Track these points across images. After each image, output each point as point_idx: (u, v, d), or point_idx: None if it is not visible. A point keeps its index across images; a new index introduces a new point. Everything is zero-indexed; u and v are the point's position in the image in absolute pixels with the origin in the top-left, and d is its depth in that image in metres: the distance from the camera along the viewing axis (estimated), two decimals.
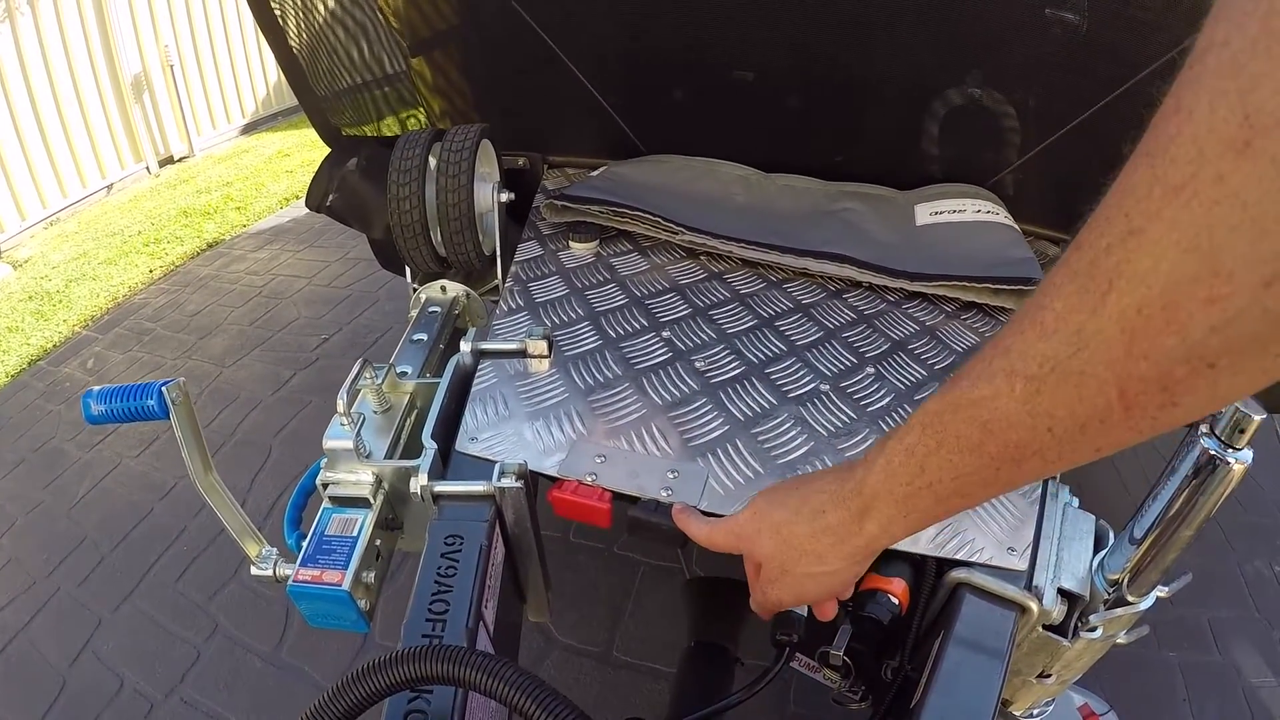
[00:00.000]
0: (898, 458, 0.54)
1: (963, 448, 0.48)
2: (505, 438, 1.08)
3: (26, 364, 3.41)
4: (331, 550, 0.95)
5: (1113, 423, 0.41)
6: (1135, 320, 0.37)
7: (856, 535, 0.61)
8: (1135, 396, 0.39)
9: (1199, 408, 0.39)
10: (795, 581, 0.68)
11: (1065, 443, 0.43)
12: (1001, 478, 0.48)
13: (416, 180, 1.53)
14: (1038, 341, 0.42)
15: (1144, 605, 0.89)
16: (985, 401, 0.46)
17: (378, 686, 0.62)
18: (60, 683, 1.98)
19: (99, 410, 0.97)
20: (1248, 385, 0.37)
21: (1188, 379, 0.37)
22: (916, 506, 0.54)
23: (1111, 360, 0.39)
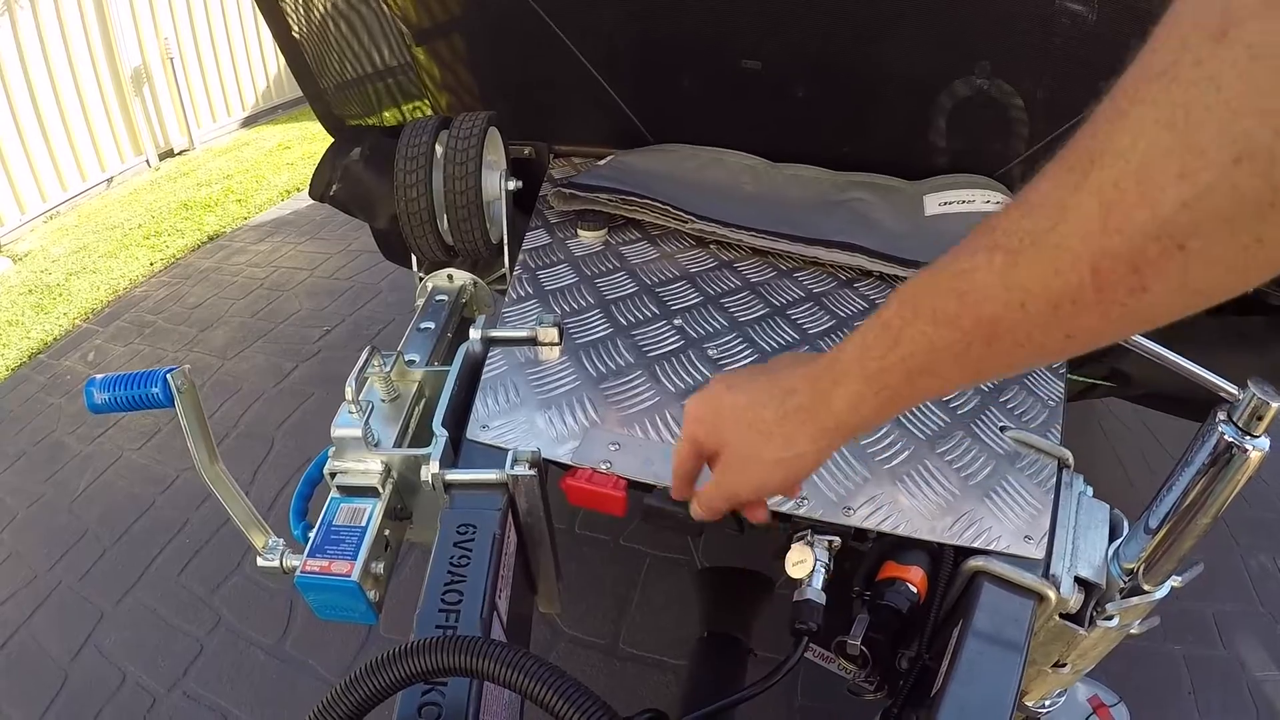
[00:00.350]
0: (872, 333, 0.54)
1: (938, 320, 0.48)
2: (517, 426, 1.07)
3: (27, 357, 3.40)
4: (340, 540, 0.93)
5: (1084, 304, 0.41)
6: (1111, 194, 0.38)
7: (825, 414, 0.60)
8: (1107, 274, 0.40)
9: (1169, 299, 0.40)
10: (759, 472, 0.66)
11: (1037, 322, 0.44)
12: (972, 355, 0.48)
13: (424, 168, 1.51)
14: (1021, 219, 0.43)
15: (1159, 594, 0.89)
16: (965, 274, 0.46)
17: (394, 678, 0.61)
18: (62, 677, 1.97)
19: (102, 399, 0.95)
20: (1220, 279, 0.38)
21: (1159, 259, 0.38)
22: (887, 383, 0.54)
23: (1087, 234, 0.39)
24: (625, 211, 1.57)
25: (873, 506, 0.96)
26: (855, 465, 1.02)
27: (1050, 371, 1.22)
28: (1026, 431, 1.08)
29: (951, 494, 0.98)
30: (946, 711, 0.75)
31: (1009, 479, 1.01)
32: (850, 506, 0.95)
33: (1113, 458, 2.53)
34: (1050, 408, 1.14)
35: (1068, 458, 1.04)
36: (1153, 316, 0.41)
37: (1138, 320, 0.42)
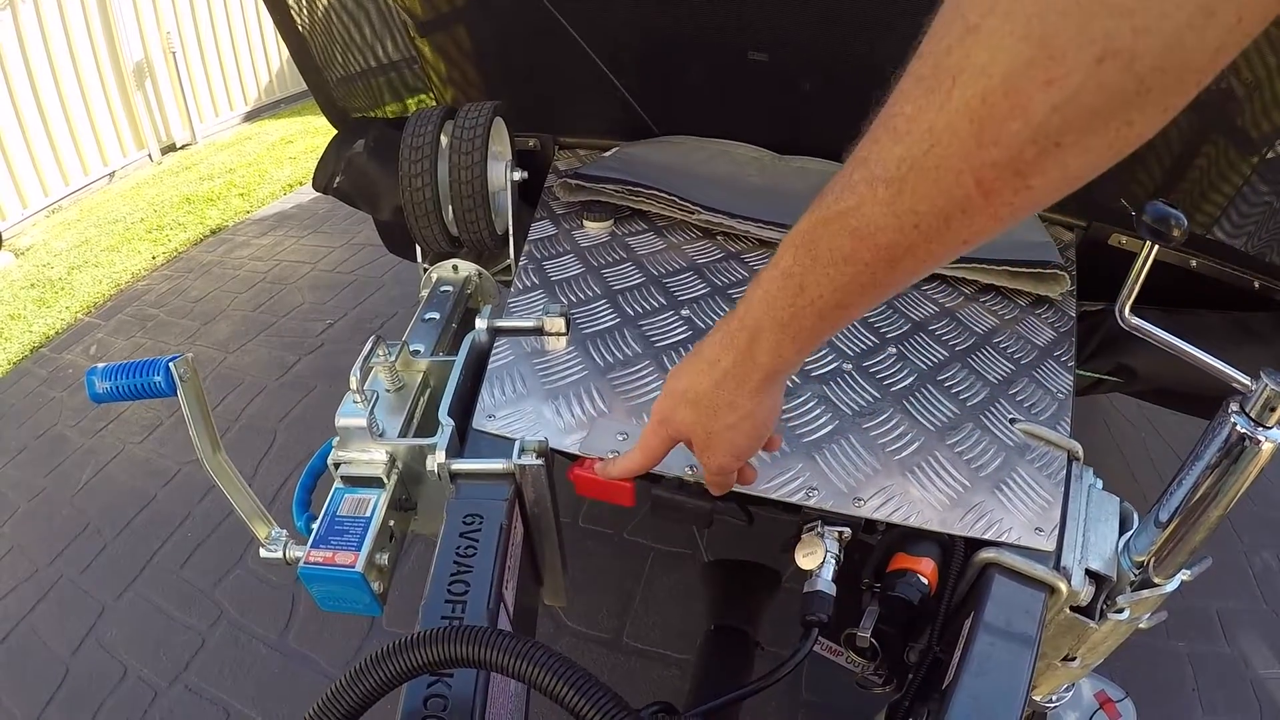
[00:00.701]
0: (775, 284, 0.56)
1: (837, 259, 0.50)
2: (524, 415, 1.06)
3: (29, 351, 3.39)
4: (344, 531, 0.93)
5: (974, 211, 0.43)
6: (980, 110, 0.39)
7: (752, 369, 0.62)
8: (991, 183, 0.41)
9: (1053, 188, 0.42)
10: (725, 439, 0.69)
11: (933, 238, 0.45)
12: (879, 281, 0.50)
13: (429, 158, 1.51)
14: (893, 146, 0.44)
15: (1170, 587, 0.88)
16: (852, 211, 0.48)
17: (401, 669, 0.60)
18: (63, 671, 1.96)
19: (104, 388, 0.95)
20: (1097, 160, 0.40)
21: (1038, 160, 0.39)
22: (802, 326, 0.56)
23: (964, 151, 0.41)
24: (631, 202, 1.56)
25: (883, 498, 0.95)
26: (865, 456, 1.01)
27: (1059, 364, 1.21)
28: (1036, 424, 1.07)
29: (962, 485, 0.97)
30: (959, 703, 0.74)
31: (1019, 471, 1.00)
32: (860, 498, 0.95)
33: (1117, 454, 2.52)
34: (1060, 400, 1.13)
35: (1077, 450, 1.03)
36: (1039, 204, 0.43)
37: (1026, 210, 0.43)
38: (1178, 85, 0.36)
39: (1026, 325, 1.31)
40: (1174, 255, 1.55)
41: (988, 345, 1.25)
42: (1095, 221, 1.61)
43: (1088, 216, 1.62)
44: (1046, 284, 1.36)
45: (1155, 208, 0.85)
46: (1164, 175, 1.53)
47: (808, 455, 1.00)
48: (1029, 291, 1.38)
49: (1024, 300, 1.38)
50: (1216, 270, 1.52)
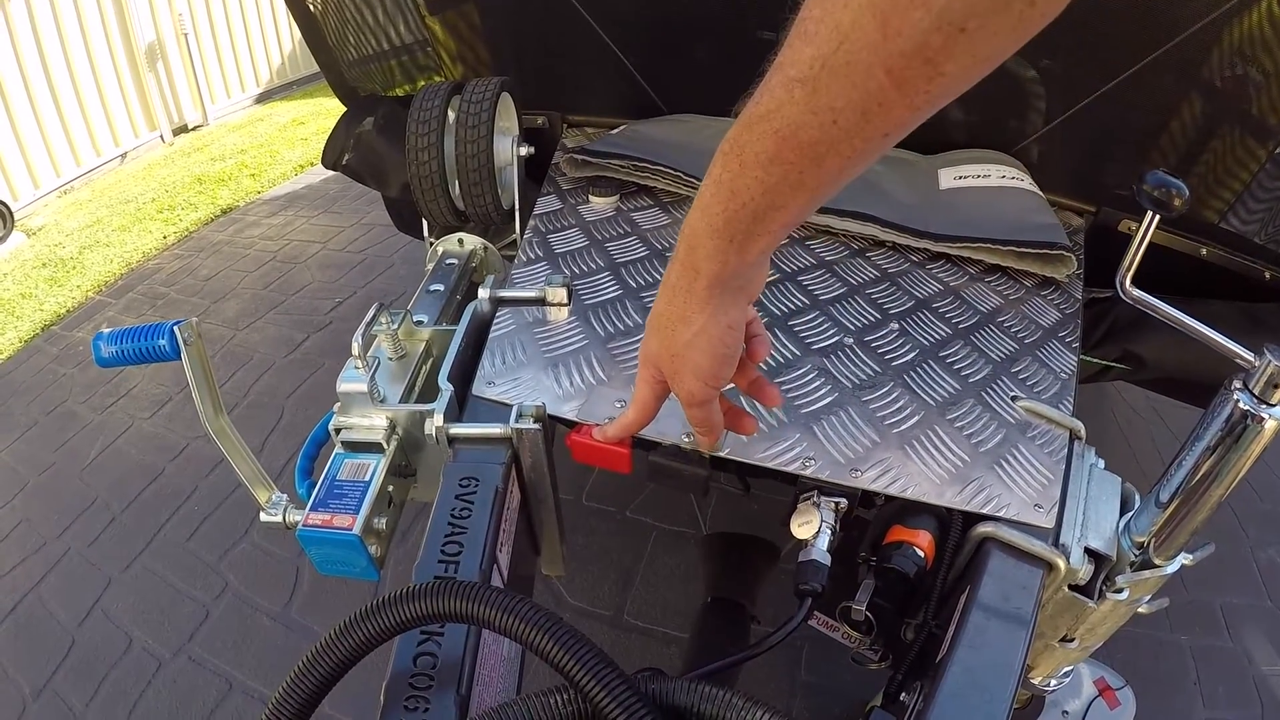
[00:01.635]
0: (708, 193, 0.56)
1: (763, 161, 0.51)
2: (523, 382, 1.06)
3: (40, 329, 3.42)
4: (343, 495, 0.93)
5: (890, 103, 0.44)
6: (883, 3, 0.40)
7: (697, 280, 0.62)
8: (902, 72, 0.42)
9: (965, 72, 0.42)
10: (686, 361, 0.68)
11: (854, 133, 0.46)
12: (807, 181, 0.50)
13: (435, 131, 1.50)
14: (804, 48, 0.45)
15: (1170, 569, 0.88)
16: (772, 114, 0.48)
17: (388, 623, 0.60)
18: (69, 641, 1.98)
19: (110, 352, 0.95)
20: (1006, 41, 0.41)
21: (945, 46, 0.40)
22: (738, 230, 0.56)
23: (871, 44, 0.41)
24: (637, 178, 1.56)
25: (880, 469, 0.95)
26: (864, 428, 1.01)
27: (1063, 345, 1.21)
28: (1039, 402, 1.06)
29: (961, 460, 0.97)
30: (952, 677, 0.74)
31: (1020, 448, 0.99)
32: (858, 469, 0.94)
33: (1124, 443, 2.51)
34: (1063, 380, 1.13)
35: (1079, 429, 1.02)
36: (955, 90, 0.44)
37: (943, 97, 0.44)
38: None
39: (1032, 306, 1.30)
40: (1184, 243, 1.54)
41: (991, 324, 1.24)
42: (1105, 207, 1.60)
43: (1097, 202, 1.61)
44: (1053, 265, 1.36)
45: (1156, 176, 0.84)
46: (1177, 162, 1.52)
47: (805, 426, 1.00)
48: (1035, 272, 1.37)
49: (1030, 281, 1.37)
50: (1227, 259, 1.51)
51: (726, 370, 0.70)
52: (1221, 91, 1.40)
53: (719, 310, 0.64)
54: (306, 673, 0.60)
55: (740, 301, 0.65)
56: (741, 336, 0.69)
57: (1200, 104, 1.44)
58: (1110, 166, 1.62)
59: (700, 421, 0.76)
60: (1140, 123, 1.51)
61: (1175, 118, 1.47)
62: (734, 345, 0.68)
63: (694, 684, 0.58)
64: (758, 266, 0.63)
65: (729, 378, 0.72)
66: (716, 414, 0.77)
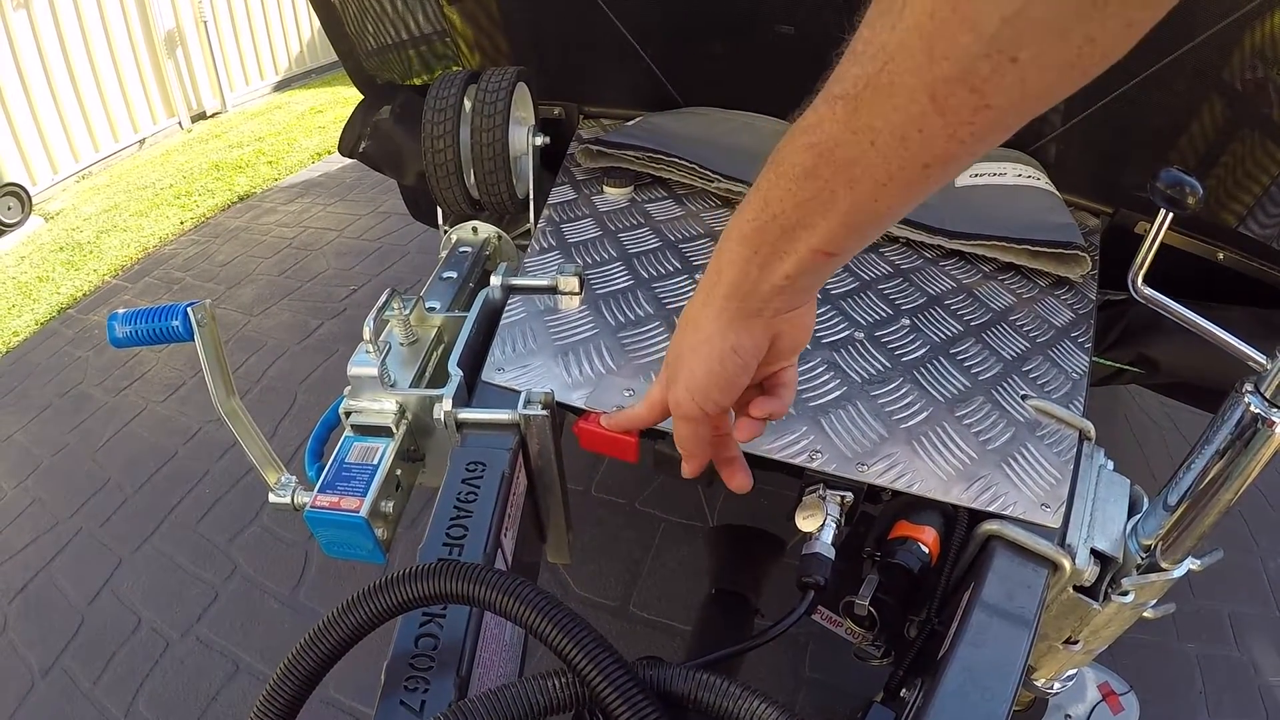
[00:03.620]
0: (747, 201, 0.55)
1: (798, 175, 0.49)
2: (532, 370, 1.06)
3: (56, 312, 3.44)
4: (351, 477, 0.93)
5: (931, 131, 0.42)
6: (929, 25, 0.38)
7: (716, 283, 0.60)
8: (946, 100, 0.40)
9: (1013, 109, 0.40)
10: (685, 364, 0.65)
11: (891, 157, 0.44)
12: (840, 202, 0.49)
13: (451, 120, 1.51)
14: (851, 67, 0.44)
15: (1177, 573, 0.87)
16: (812, 128, 0.47)
17: (387, 604, 0.61)
18: (79, 620, 2.00)
19: (124, 332, 0.96)
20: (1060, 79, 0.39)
21: (993, 76, 0.38)
22: (764, 241, 0.54)
23: (916, 67, 0.40)
24: (652, 169, 1.56)
25: (887, 464, 0.95)
26: (871, 423, 1.00)
27: (1076, 345, 1.20)
28: (1049, 401, 1.06)
29: (969, 457, 0.96)
30: (952, 675, 0.73)
31: (1028, 447, 0.99)
32: (864, 463, 0.94)
33: (1137, 449, 2.50)
34: (1074, 380, 1.12)
35: (1089, 430, 1.02)
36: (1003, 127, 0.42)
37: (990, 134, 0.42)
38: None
39: (1045, 305, 1.30)
40: (1201, 247, 1.53)
41: (1004, 322, 1.24)
42: (1122, 209, 1.59)
43: (1114, 203, 1.60)
44: (1067, 265, 1.35)
45: (1170, 174, 0.84)
46: (1195, 165, 1.51)
47: (813, 419, 1.00)
48: (1049, 272, 1.36)
49: (1044, 281, 1.37)
50: (1244, 264, 1.50)
51: (718, 394, 0.65)
52: (1241, 94, 1.39)
53: (729, 327, 0.61)
54: (308, 650, 0.60)
55: (754, 328, 0.61)
56: (747, 367, 0.63)
57: (1219, 106, 1.43)
58: (1128, 167, 1.61)
59: (682, 440, 0.71)
60: (1158, 124, 1.50)
61: (1194, 119, 1.46)
62: (734, 371, 0.63)
63: (691, 671, 0.58)
64: (783, 295, 0.58)
65: (721, 404, 0.66)
66: (701, 440, 0.70)
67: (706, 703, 0.57)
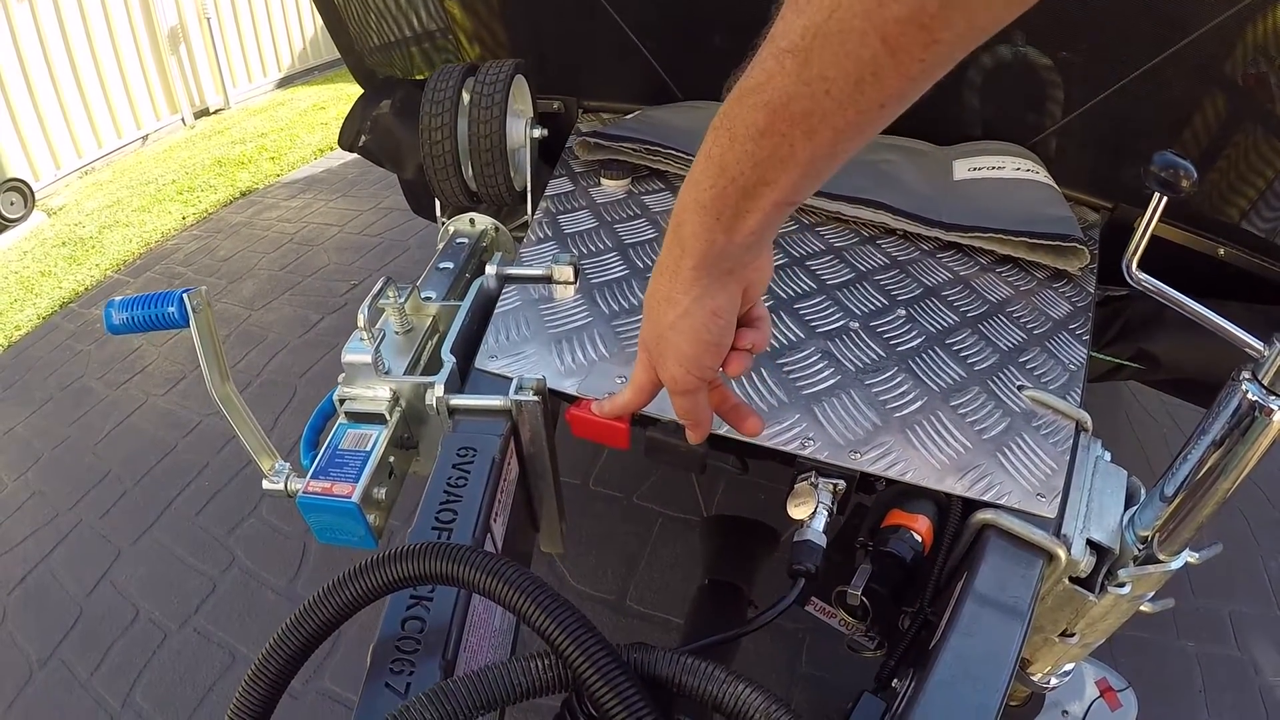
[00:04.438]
0: (698, 168, 0.55)
1: (753, 134, 0.49)
2: (526, 357, 1.06)
3: (58, 306, 3.45)
4: (344, 464, 0.93)
5: (884, 72, 0.42)
6: None
7: (682, 256, 0.60)
8: (898, 39, 0.41)
9: (960, 40, 0.41)
10: (670, 344, 0.66)
11: (847, 103, 0.45)
12: (799, 154, 0.49)
13: (449, 112, 1.51)
14: (795, 18, 0.44)
15: (1174, 565, 0.86)
16: (763, 85, 0.47)
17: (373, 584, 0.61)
18: (77, 611, 2.00)
19: (120, 319, 0.97)
20: (1003, 10, 0.40)
21: (941, 12, 0.39)
22: (726, 206, 0.54)
23: (866, 11, 0.40)
24: (649, 162, 1.56)
25: (880, 452, 0.94)
26: (865, 411, 1.00)
27: (1073, 337, 1.20)
28: (1045, 392, 1.05)
29: (963, 446, 0.96)
30: (944, 665, 0.73)
31: (1024, 436, 0.98)
32: (857, 451, 0.94)
33: (1138, 447, 2.49)
34: (1071, 372, 1.12)
35: (1086, 420, 1.01)
36: (949, 60, 0.43)
37: (937, 68, 0.43)
38: None
39: (1043, 297, 1.29)
40: (1202, 242, 1.52)
41: (1001, 314, 1.23)
42: (1122, 204, 1.58)
43: (1114, 198, 1.60)
44: (1065, 258, 1.34)
45: (1163, 157, 0.83)
46: (1196, 160, 1.49)
47: (806, 407, 1.00)
48: (1047, 264, 1.36)
49: (1042, 273, 1.36)
50: (1245, 260, 1.49)
51: (710, 359, 0.66)
52: (1241, 88, 1.38)
53: (705, 293, 0.62)
54: (293, 630, 0.60)
55: (729, 286, 0.63)
56: (730, 325, 0.66)
57: (1220, 101, 1.42)
58: (1128, 162, 1.60)
59: (685, 412, 0.73)
60: (1158, 118, 1.50)
61: (1194, 114, 1.46)
62: (719, 332, 0.65)
63: (676, 656, 0.58)
64: (751, 249, 0.59)
65: (714, 367, 0.68)
66: (703, 406, 0.74)
67: (691, 687, 0.56)
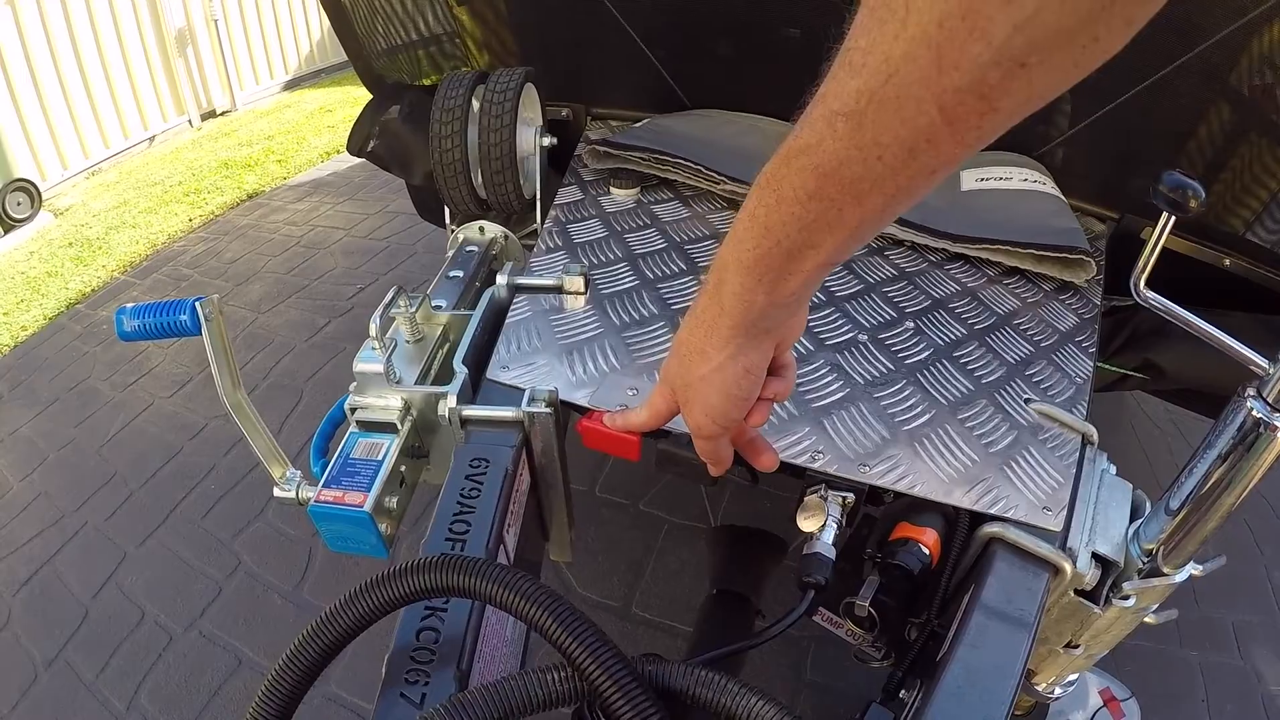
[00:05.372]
0: (741, 227, 0.54)
1: (801, 198, 0.48)
2: (537, 368, 1.07)
3: (65, 307, 3.46)
4: (355, 473, 0.94)
5: (939, 140, 0.42)
6: (938, 35, 0.38)
7: (720, 315, 0.60)
8: (955, 109, 0.40)
9: (1019, 108, 0.40)
10: (698, 393, 0.67)
11: (899, 170, 0.44)
12: (848, 219, 0.48)
13: (459, 119, 1.53)
14: (850, 80, 0.42)
15: (1178, 578, 0.86)
16: (812, 148, 0.46)
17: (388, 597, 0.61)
18: (83, 613, 2.01)
19: (132, 326, 0.97)
20: (1062, 79, 0.39)
21: (1002, 82, 0.38)
22: (768, 268, 0.54)
23: (925, 79, 0.39)
24: (658, 171, 1.57)
25: (889, 465, 0.95)
26: (874, 424, 1.01)
27: (1080, 349, 1.20)
28: (1052, 405, 1.06)
29: (971, 460, 0.97)
30: (951, 676, 0.73)
31: (1030, 450, 0.99)
32: (866, 464, 0.95)
33: (1144, 459, 2.49)
34: (1078, 384, 1.12)
35: (1092, 434, 1.02)
36: (1005, 125, 0.42)
37: (992, 133, 0.42)
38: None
39: (1049, 309, 1.30)
40: (1208, 253, 1.53)
41: (1008, 326, 1.24)
42: (1128, 214, 1.59)
43: (1120, 209, 1.60)
44: (1072, 269, 1.35)
45: (1172, 177, 0.84)
46: (1202, 170, 1.50)
47: (816, 420, 1.00)
48: (1054, 276, 1.36)
49: (1049, 285, 1.37)
50: (1250, 271, 1.49)
51: (737, 412, 0.68)
52: (1248, 100, 1.39)
53: (740, 352, 0.62)
54: (310, 641, 0.61)
55: (764, 344, 0.63)
56: (759, 380, 0.67)
57: (1227, 112, 1.43)
58: (1134, 173, 1.60)
59: (707, 454, 0.75)
60: (1165, 129, 1.50)
61: (1200, 124, 1.46)
62: (749, 389, 0.66)
63: (690, 668, 0.59)
64: (789, 309, 0.60)
65: (739, 419, 0.69)
66: (725, 449, 0.75)
67: (705, 699, 0.57)
